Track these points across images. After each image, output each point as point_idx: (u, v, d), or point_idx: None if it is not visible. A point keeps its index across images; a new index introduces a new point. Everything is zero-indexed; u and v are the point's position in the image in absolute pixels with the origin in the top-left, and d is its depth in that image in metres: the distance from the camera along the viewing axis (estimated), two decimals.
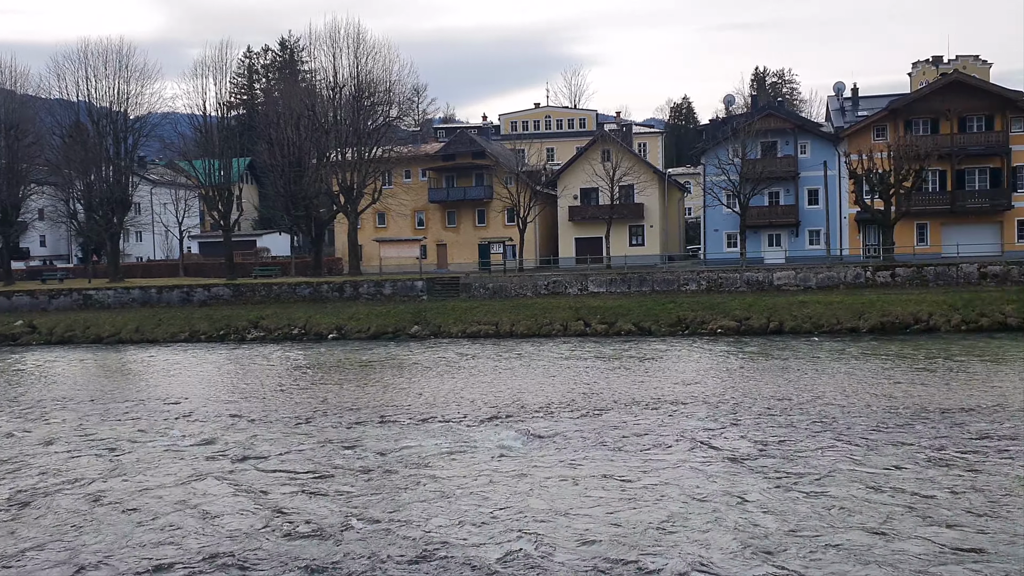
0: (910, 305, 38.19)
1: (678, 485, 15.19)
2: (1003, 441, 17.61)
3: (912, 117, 51.74)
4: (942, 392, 23.12)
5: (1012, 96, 50.83)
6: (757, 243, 54.49)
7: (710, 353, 33.42)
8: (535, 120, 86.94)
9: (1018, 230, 50.16)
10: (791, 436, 18.63)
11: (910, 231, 51.01)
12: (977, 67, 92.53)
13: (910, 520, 12.98)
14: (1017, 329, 35.69)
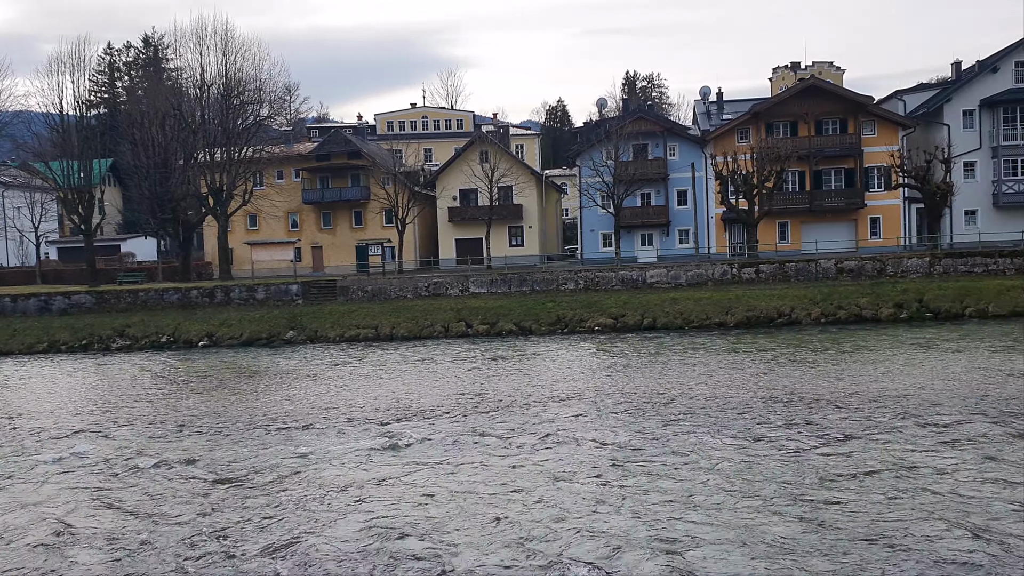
0: (774, 300, 40.07)
1: (556, 483, 15.40)
2: (866, 426, 18.70)
3: (773, 120, 54.27)
4: (807, 382, 24.35)
5: (863, 100, 54.08)
6: (631, 243, 55.95)
7: (589, 351, 34.09)
8: (412, 120, 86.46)
9: (870, 227, 53.41)
10: (666, 429, 19.19)
11: (772, 229, 53.50)
12: (832, 73, 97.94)
13: (780, 507, 13.60)
14: (871, 320, 38.00)
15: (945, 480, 14.58)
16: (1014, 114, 51.49)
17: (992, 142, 51.98)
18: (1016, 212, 51.60)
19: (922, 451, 16.48)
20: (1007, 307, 37.57)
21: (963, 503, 13.35)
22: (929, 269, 42.59)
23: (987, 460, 15.66)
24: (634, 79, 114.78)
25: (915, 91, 59.84)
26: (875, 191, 53.22)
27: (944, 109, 53.00)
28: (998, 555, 11.35)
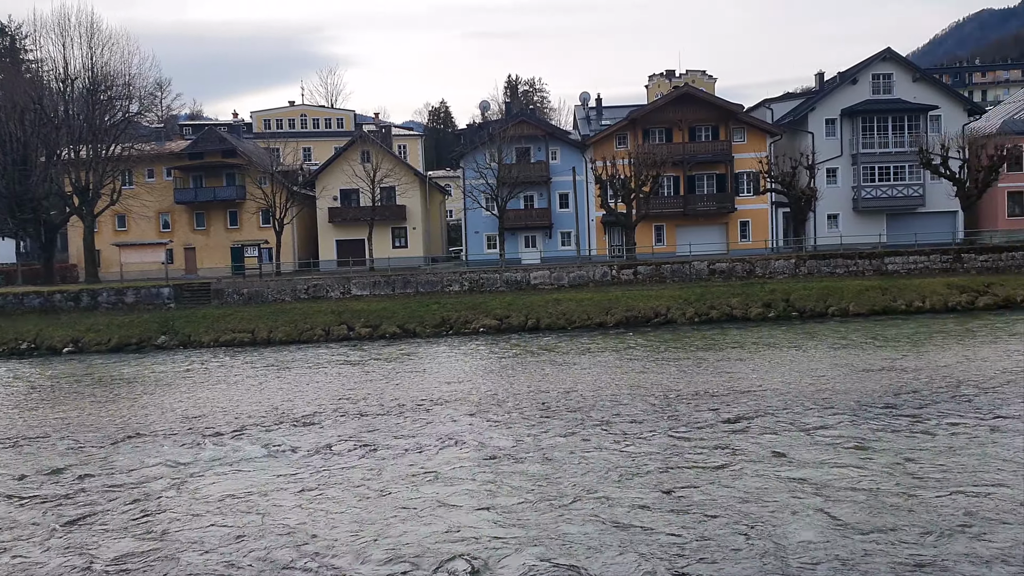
0: (651, 300, 41.23)
1: (437, 485, 15.36)
2: (740, 422, 19.46)
3: (649, 126, 55.83)
4: (683, 379, 25.15)
5: (734, 108, 56.33)
6: (515, 244, 56.44)
7: (473, 352, 34.16)
8: (290, 119, 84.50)
9: (740, 230, 55.68)
10: (547, 428, 19.44)
11: (649, 232, 55.02)
12: (704, 81, 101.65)
13: (664, 499, 13.99)
14: (741, 319, 39.62)
15: (808, 470, 15.34)
16: (872, 123, 54.72)
17: (852, 149, 55.06)
18: (874, 216, 54.85)
19: (789, 445, 17.29)
20: (866, 306, 39.89)
21: (820, 492, 14.07)
22: (795, 270, 44.76)
23: (855, 451, 16.57)
24: (516, 83, 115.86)
25: (782, 100, 62.74)
26: (745, 196, 55.52)
27: (808, 118, 55.80)
28: (845, 545, 12.02)
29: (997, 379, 23.11)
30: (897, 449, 16.55)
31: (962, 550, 11.55)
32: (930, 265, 44.47)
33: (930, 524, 12.49)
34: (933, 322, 36.12)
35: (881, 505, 13.36)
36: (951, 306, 39.62)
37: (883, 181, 54.55)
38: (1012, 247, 45.30)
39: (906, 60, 58.49)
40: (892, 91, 55.17)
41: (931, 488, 14.07)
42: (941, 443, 16.90)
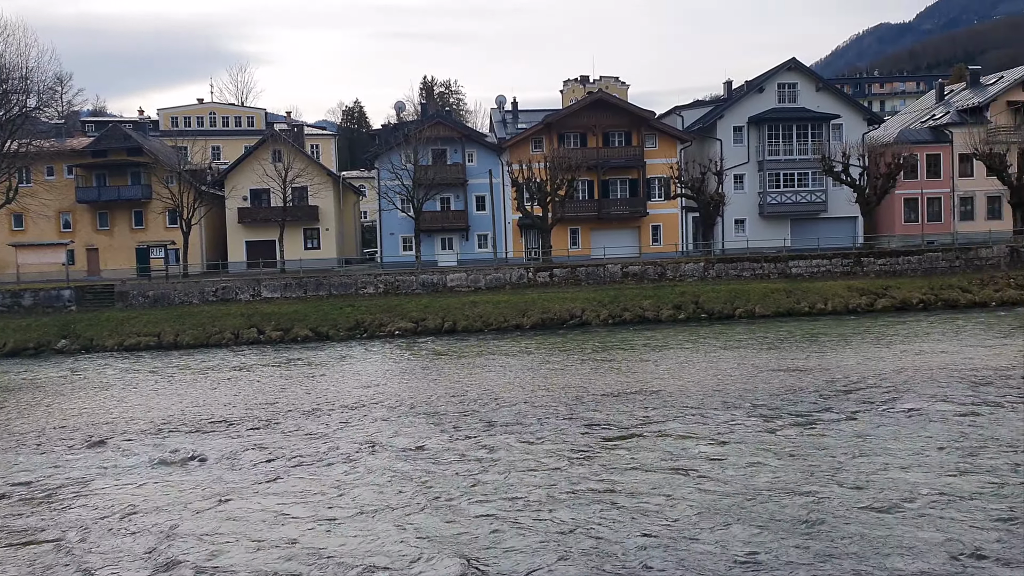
0: (566, 303, 41.67)
1: (350, 492, 15.19)
2: (645, 420, 19.82)
3: (564, 131, 56.42)
4: (596, 379, 25.48)
5: (646, 115, 57.39)
6: (431, 246, 56.22)
7: (389, 355, 33.88)
8: (199, 116, 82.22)
9: (652, 234, 56.74)
10: (463, 430, 19.43)
11: (565, 235, 55.59)
12: (618, 87, 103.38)
13: (566, 498, 14.14)
14: (653, 321, 40.39)
15: (712, 465, 15.75)
16: (777, 131, 56.50)
17: (759, 156, 56.77)
18: (779, 221, 56.66)
19: (694, 440, 17.71)
20: (771, 308, 41.19)
21: (699, 486, 14.48)
22: (704, 273, 45.88)
23: (756, 448, 17.08)
24: (432, 84, 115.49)
25: (692, 107, 64.25)
26: (656, 200, 56.63)
27: (717, 125, 57.28)
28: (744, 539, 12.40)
29: (893, 379, 24.16)
30: (789, 444, 17.14)
31: (793, 546, 12.03)
32: (832, 269, 46.19)
33: (787, 517, 12.97)
34: (835, 324, 37.53)
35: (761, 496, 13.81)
36: (852, 308, 41.24)
37: (788, 187, 56.40)
38: (908, 252, 47.45)
39: (810, 70, 60.61)
40: (796, 100, 57.10)
41: (813, 482, 14.62)
42: (832, 440, 17.57)
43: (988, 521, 12.67)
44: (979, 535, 12.16)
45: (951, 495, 13.80)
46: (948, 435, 17.61)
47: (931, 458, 15.98)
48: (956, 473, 15.01)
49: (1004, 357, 27.09)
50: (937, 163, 57.54)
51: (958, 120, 58.12)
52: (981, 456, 15.99)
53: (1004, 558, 11.40)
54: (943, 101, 64.58)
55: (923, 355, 27.97)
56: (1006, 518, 12.78)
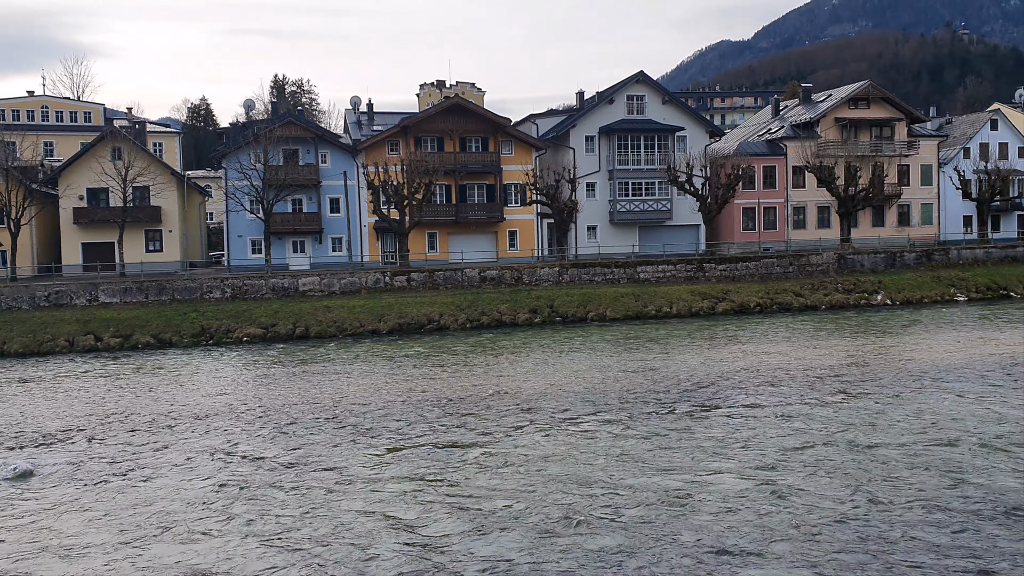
0: (424, 307, 41.54)
1: (189, 502, 14.60)
2: (506, 423, 20.02)
3: (421, 135, 56.28)
4: (451, 384, 25.52)
5: (502, 122, 58.07)
6: (282, 249, 54.71)
7: (236, 363, 32.70)
8: (29, 110, 76.73)
9: (509, 239, 57.48)
10: (316, 438, 19.02)
11: (422, 239, 55.43)
12: (474, 93, 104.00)
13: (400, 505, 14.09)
14: (510, 325, 40.87)
15: (576, 463, 16.12)
16: (627, 142, 58.48)
17: (609, 165, 58.55)
18: (628, 228, 58.63)
19: (555, 441, 18.07)
20: (621, 311, 42.55)
21: (585, 485, 14.86)
22: (558, 278, 46.87)
23: (611, 440, 17.59)
24: (283, 83, 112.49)
25: (546, 116, 65.50)
26: (513, 206, 57.40)
27: (570, 134, 58.68)
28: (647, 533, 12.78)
29: (733, 377, 25.48)
30: (628, 439, 17.79)
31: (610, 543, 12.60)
32: (677, 274, 48.21)
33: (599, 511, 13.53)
34: (680, 326, 39.18)
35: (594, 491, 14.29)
36: (695, 311, 43.17)
37: (636, 196, 58.46)
38: (746, 258, 50.16)
39: (656, 84, 63.04)
40: (644, 112, 59.29)
41: (632, 475, 15.25)
42: (674, 437, 18.35)
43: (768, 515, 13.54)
44: (736, 529, 12.98)
45: (763, 490, 14.69)
46: (779, 431, 18.73)
47: (761, 452, 16.94)
48: (770, 467, 15.99)
49: (833, 357, 29.07)
50: (773, 175, 61.11)
51: (792, 134, 61.96)
52: (804, 451, 17.09)
53: (750, 551, 12.22)
54: (778, 116, 68.69)
55: (761, 355, 29.62)
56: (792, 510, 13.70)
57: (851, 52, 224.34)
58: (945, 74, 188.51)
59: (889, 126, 62.51)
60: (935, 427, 18.67)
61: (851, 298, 45.68)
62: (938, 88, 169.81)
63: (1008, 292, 47.47)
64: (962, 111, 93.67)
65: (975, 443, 17.22)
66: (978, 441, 17.39)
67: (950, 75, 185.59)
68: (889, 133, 62.50)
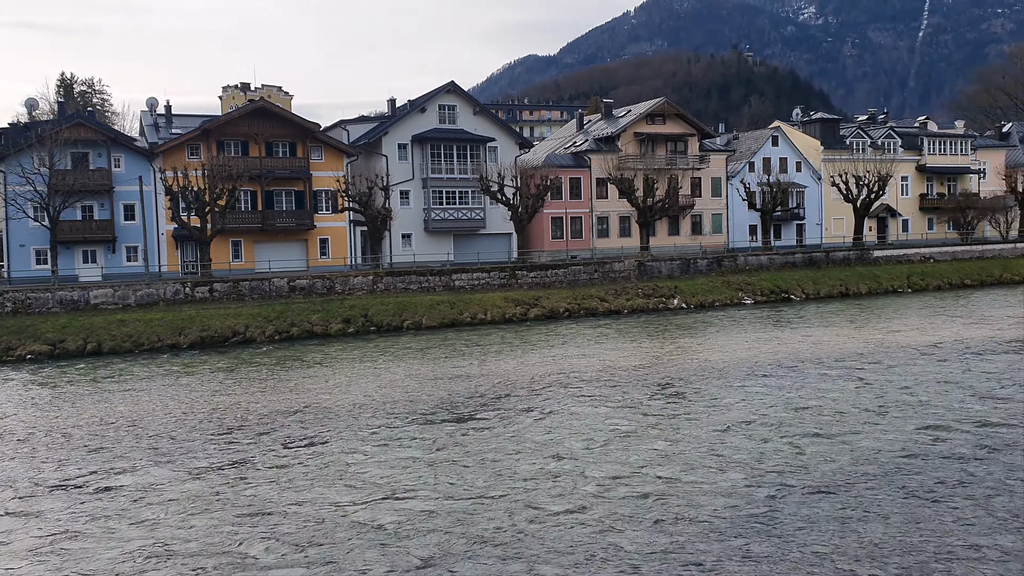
0: (229, 319, 39.81)
1: None
2: (317, 436, 19.50)
3: (224, 138, 53.99)
4: (262, 399, 24.61)
5: (311, 127, 56.79)
6: (71, 260, 50.72)
7: (19, 383, 29.93)
8: None
9: (320, 247, 56.26)
10: (112, 462, 17.78)
11: (226, 248, 53.13)
12: (281, 97, 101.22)
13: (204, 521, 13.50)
14: (322, 336, 39.95)
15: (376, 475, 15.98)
16: (439, 150, 58.83)
17: (423, 174, 58.66)
18: (443, 236, 58.98)
19: (363, 454, 17.83)
20: (437, 319, 42.69)
21: (381, 493, 14.77)
22: (373, 287, 46.38)
23: (424, 448, 17.56)
24: (72, 82, 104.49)
25: (358, 122, 64.69)
26: (324, 213, 56.23)
27: (383, 141, 58.28)
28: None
29: (543, 381, 26.20)
30: (441, 447, 17.94)
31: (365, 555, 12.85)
32: (491, 281, 49.01)
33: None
34: (494, 332, 39.83)
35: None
36: (508, 318, 44.05)
37: (450, 204, 58.93)
38: (555, 265, 51.77)
39: (467, 94, 63.85)
40: (456, 122, 59.91)
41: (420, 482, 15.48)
42: (476, 444, 18.66)
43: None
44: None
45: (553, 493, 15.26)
46: (586, 429, 19.46)
47: (564, 448, 17.54)
48: (574, 461, 16.62)
49: (636, 358, 30.54)
50: (579, 186, 63.49)
51: (595, 148, 64.65)
52: (606, 447, 17.87)
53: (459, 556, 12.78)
54: (583, 130, 71.49)
55: (572, 358, 30.64)
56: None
57: (649, 70, 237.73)
58: (732, 93, 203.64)
59: (683, 141, 66.59)
60: (733, 419, 20.02)
61: (651, 302, 48.21)
62: (726, 106, 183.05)
63: (789, 295, 51.77)
64: (747, 128, 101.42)
65: (769, 432, 18.62)
66: (777, 431, 18.81)
67: (736, 94, 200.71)
68: (683, 147, 66.59)
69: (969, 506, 13.68)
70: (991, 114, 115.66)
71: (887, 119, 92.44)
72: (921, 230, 76.16)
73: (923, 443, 17.52)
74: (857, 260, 59.67)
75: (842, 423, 19.49)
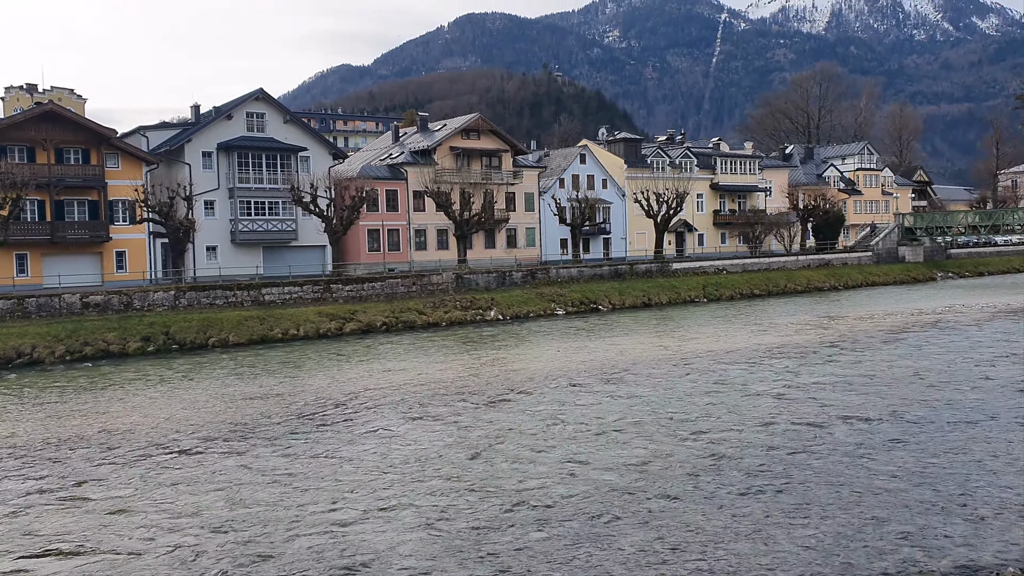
0: (12, 339, 36.46)
1: None
2: (111, 463, 18.22)
3: (7, 143, 49.55)
4: (45, 425, 22.72)
5: (107, 132, 53.16)
6: None
7: None
8: None
9: (117, 261, 52.69)
10: None
11: (10, 262, 48.71)
12: (73, 101, 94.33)
13: None
14: (119, 355, 37.39)
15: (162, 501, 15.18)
16: (248, 159, 56.70)
17: (229, 183, 56.31)
18: (251, 248, 56.83)
19: (159, 485, 16.88)
20: (246, 336, 41.07)
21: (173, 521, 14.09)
22: (175, 302, 43.96)
23: (224, 473, 16.83)
24: None
25: (159, 129, 61.23)
26: (121, 225, 52.73)
27: (186, 149, 55.47)
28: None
29: (361, 397, 25.83)
30: (246, 470, 17.35)
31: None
32: (304, 295, 47.76)
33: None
34: (307, 348, 38.83)
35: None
36: (323, 333, 43.08)
37: (259, 215, 56.94)
38: (372, 278, 51.22)
39: (277, 102, 62.07)
40: (265, 130, 58.03)
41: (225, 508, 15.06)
42: (282, 465, 18.20)
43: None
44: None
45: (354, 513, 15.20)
46: (397, 445, 19.38)
47: (371, 469, 17.41)
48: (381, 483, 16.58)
49: (452, 371, 30.74)
50: (395, 198, 63.22)
51: (411, 160, 64.65)
52: (421, 463, 17.90)
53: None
54: (399, 142, 71.33)
55: (387, 373, 30.39)
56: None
57: (463, 85, 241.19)
58: (543, 110, 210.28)
59: (497, 156, 67.93)
60: (552, 423, 20.55)
61: (468, 315, 48.72)
62: (538, 123, 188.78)
63: (597, 306, 53.93)
64: (558, 145, 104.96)
65: (584, 438, 19.26)
66: (595, 432, 19.47)
67: (547, 112, 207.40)
68: (497, 163, 67.92)
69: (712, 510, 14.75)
70: (776, 136, 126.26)
71: (684, 140, 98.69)
72: (715, 244, 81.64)
73: (703, 448, 18.73)
74: (658, 272, 63.07)
75: (637, 430, 20.50)
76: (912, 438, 18.87)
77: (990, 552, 12.38)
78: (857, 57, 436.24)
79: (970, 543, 12.73)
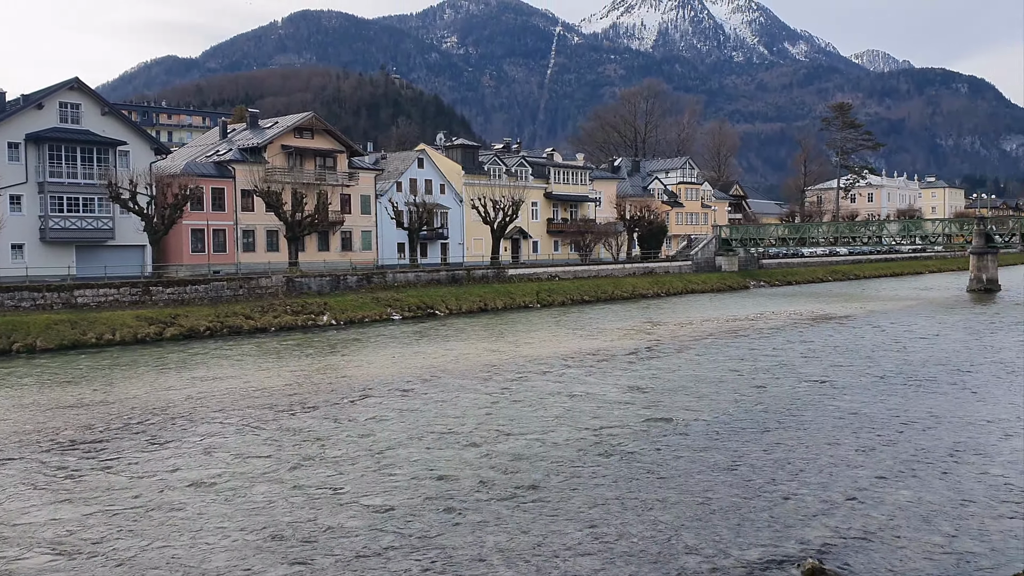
0: None
1: None
2: None
3: None
4: None
5: None
6: None
7: None
8: None
9: None
10: None
11: None
12: None
13: None
14: None
15: None
16: (60, 152, 52.76)
17: (39, 177, 52.19)
18: (63, 247, 52.92)
19: None
20: (55, 340, 38.23)
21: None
22: None
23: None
24: None
25: None
26: None
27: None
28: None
29: (181, 406, 24.65)
30: (32, 488, 16.30)
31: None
32: (120, 298, 45.00)
33: None
34: (124, 354, 36.61)
35: None
36: (141, 338, 40.76)
37: (73, 212, 53.15)
38: (196, 281, 48.94)
39: (95, 93, 58.13)
40: (81, 122, 54.22)
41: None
42: (104, 479, 17.23)
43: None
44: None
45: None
46: (226, 460, 18.70)
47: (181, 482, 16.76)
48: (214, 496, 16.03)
49: (280, 378, 29.89)
50: (222, 197, 60.74)
51: (240, 158, 62.32)
52: (226, 478, 17.37)
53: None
54: (227, 138, 68.59)
55: (211, 381, 29.15)
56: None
57: (297, 82, 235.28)
58: (381, 112, 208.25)
59: (332, 157, 66.69)
60: (377, 433, 20.38)
61: (299, 319, 47.51)
62: (375, 124, 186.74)
63: (434, 311, 53.97)
64: (396, 148, 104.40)
65: (430, 441, 19.23)
66: (439, 438, 19.45)
67: (385, 114, 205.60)
68: (332, 164, 66.68)
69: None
70: (605, 149, 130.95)
71: (520, 148, 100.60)
72: (549, 251, 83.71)
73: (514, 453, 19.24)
74: (494, 278, 63.93)
75: (481, 432, 20.76)
76: (716, 441, 20.12)
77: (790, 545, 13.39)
78: (682, 75, 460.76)
79: (762, 543, 13.72)
